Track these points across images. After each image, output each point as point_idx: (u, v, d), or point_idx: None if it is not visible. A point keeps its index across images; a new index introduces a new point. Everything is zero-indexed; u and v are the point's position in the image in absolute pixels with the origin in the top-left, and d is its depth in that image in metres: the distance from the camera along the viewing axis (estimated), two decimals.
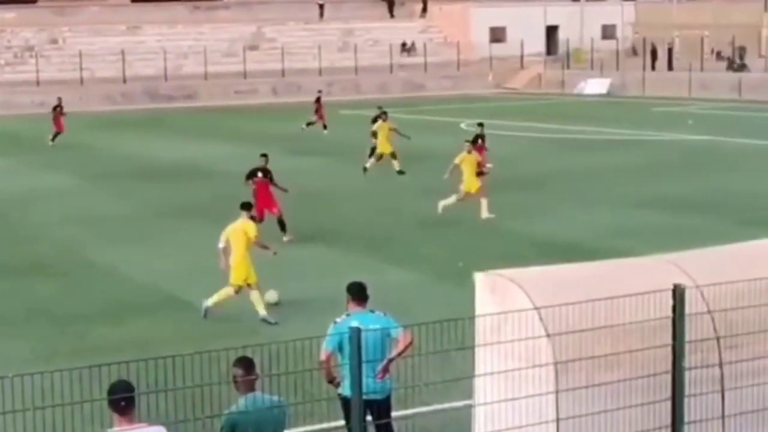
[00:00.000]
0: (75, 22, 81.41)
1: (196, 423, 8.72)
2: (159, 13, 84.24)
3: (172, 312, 19.11)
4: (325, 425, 11.76)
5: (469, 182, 27.89)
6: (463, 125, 53.42)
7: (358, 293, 11.49)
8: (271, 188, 26.03)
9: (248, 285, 18.68)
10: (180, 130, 54.59)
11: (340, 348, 10.82)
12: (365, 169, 35.95)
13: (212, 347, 10.00)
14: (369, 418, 10.80)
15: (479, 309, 9.92)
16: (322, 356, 10.91)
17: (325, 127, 50.92)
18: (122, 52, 74.99)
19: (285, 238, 24.72)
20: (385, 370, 11.03)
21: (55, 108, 49.02)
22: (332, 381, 11.10)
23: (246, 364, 9.18)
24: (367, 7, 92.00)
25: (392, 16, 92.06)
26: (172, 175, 37.25)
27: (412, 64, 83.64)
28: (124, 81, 74.13)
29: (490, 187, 31.95)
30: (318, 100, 52.05)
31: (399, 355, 11.00)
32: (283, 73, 78.01)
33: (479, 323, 9.70)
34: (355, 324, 11.03)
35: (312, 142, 46.80)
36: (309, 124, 51.33)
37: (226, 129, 53.96)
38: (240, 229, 19.06)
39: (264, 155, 26.44)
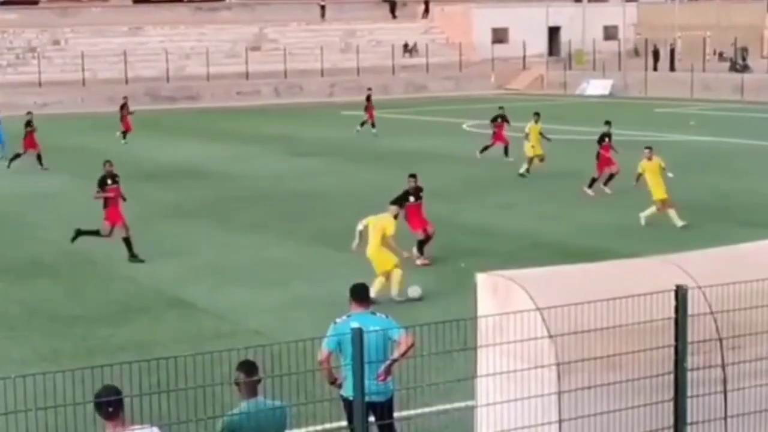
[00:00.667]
0: (77, 23, 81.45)
1: (197, 424, 8.72)
2: (161, 14, 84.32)
3: (173, 313, 19.11)
4: (327, 426, 11.75)
5: (655, 190, 26.85)
6: (465, 126, 53.43)
7: (360, 295, 11.47)
8: (422, 207, 23.69)
9: (390, 270, 19.70)
10: (182, 131, 54.60)
11: (340, 348, 10.84)
12: (522, 175, 35.13)
13: (213, 348, 10.00)
14: (371, 419, 10.82)
15: (481, 310, 9.92)
16: (321, 356, 10.91)
17: (373, 125, 50.66)
18: (124, 53, 75.03)
19: (418, 262, 22.46)
20: (387, 372, 11.00)
21: (121, 107, 50.43)
22: (333, 382, 11.10)
23: (248, 368, 9.14)
24: (369, 7, 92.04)
25: (394, 16, 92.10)
26: (174, 176, 37.26)
27: (414, 65, 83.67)
28: (126, 82, 74.10)
29: (486, 186, 31.96)
30: (368, 98, 51.97)
31: (401, 357, 10.97)
32: (285, 74, 78.04)
33: (481, 324, 9.69)
34: (355, 325, 11.03)
35: (314, 144, 46.80)
36: (363, 123, 51.22)
37: (228, 130, 53.96)
38: (380, 224, 20.14)
39: (413, 176, 23.77)
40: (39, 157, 40.39)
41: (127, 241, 23.45)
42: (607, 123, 33.71)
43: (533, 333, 9.09)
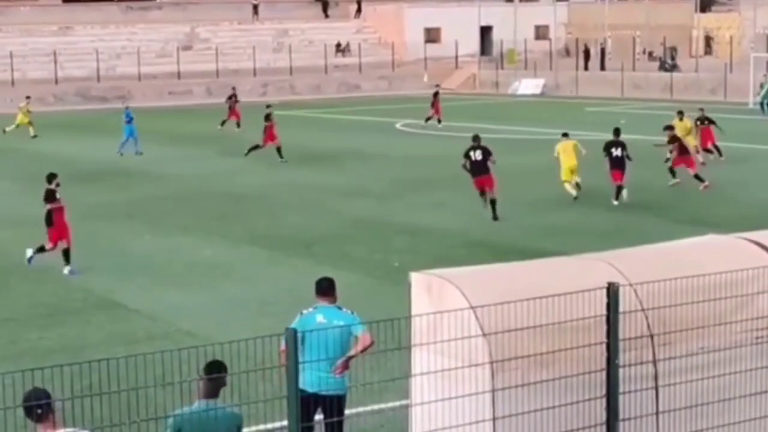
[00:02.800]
0: (5, 22, 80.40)
1: (131, 427, 8.64)
2: (91, 14, 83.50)
3: (104, 315, 18.92)
4: (261, 427, 11.70)
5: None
6: (398, 125, 53.48)
7: (324, 288, 11.63)
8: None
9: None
10: (113, 131, 53.99)
11: (302, 340, 10.80)
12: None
13: (146, 350, 9.92)
14: (320, 416, 10.89)
15: (415, 309, 9.92)
16: (283, 346, 10.99)
17: (439, 121, 51.47)
18: (54, 53, 74.22)
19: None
20: (344, 366, 11.10)
21: (229, 98, 53.60)
22: None
23: (208, 367, 9.09)
24: (301, 7, 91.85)
25: (327, 16, 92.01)
26: (104, 176, 36.93)
27: (346, 65, 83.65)
28: (56, 82, 73.35)
29: (418, 186, 32.10)
30: (436, 94, 52.88)
31: (357, 354, 11.10)
32: (217, 73, 77.63)
33: (415, 323, 9.69)
34: (320, 317, 11.31)
35: (245, 144, 46.59)
36: (428, 119, 51.93)
37: (160, 130, 53.53)
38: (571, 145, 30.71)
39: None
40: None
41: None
42: (701, 109, 38.20)
43: (467, 331, 9.12)
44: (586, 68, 79.50)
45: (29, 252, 22.74)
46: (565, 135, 31.57)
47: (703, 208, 28.32)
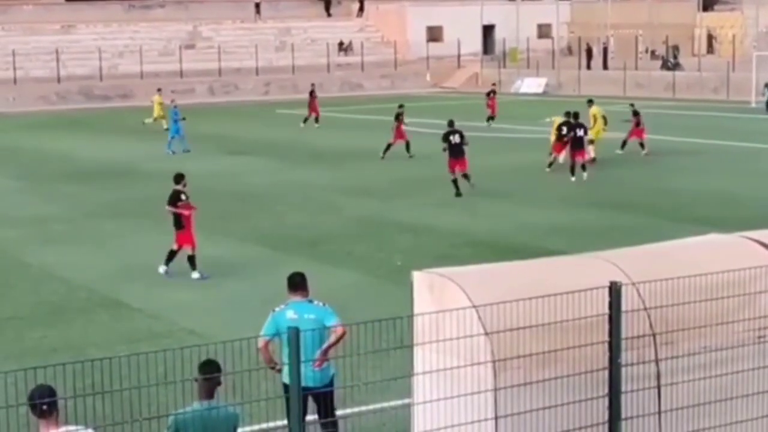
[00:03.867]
0: (8, 21, 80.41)
1: (133, 425, 8.65)
2: (94, 12, 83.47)
3: (107, 314, 18.94)
4: (263, 426, 11.71)
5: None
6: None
7: (295, 283, 11.73)
8: None
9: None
10: (115, 130, 54.13)
11: (277, 335, 11.19)
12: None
13: (148, 349, 9.93)
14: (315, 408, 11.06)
15: (417, 308, 9.93)
16: (260, 344, 11.25)
17: (492, 118, 52.37)
18: (56, 52, 74.22)
19: None
20: (322, 359, 11.16)
21: (309, 94, 54.56)
22: (273, 367, 11.33)
23: (204, 367, 9.10)
24: (304, 6, 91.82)
25: (329, 15, 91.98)
26: (108, 175, 36.94)
27: (349, 64, 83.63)
28: (59, 81, 73.35)
29: (421, 185, 32.09)
30: (490, 93, 53.59)
31: (332, 345, 11.17)
32: (219, 72, 77.64)
33: (417, 322, 9.70)
34: (291, 312, 11.37)
35: (248, 142, 46.64)
36: (490, 118, 52.45)
37: (161, 129, 53.54)
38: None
39: None
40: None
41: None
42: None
43: (469, 330, 9.12)
44: (588, 67, 79.45)
45: (162, 269, 21.62)
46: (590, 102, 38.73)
47: (705, 207, 28.31)
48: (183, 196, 21.79)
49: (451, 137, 31.47)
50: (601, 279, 9.28)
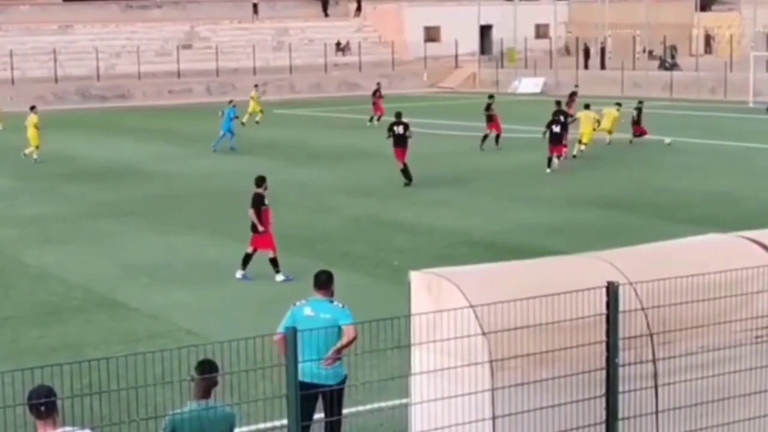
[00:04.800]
0: (5, 21, 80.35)
1: (130, 425, 8.65)
2: (91, 12, 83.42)
3: (105, 313, 18.93)
4: (261, 426, 11.71)
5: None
6: (369, 125, 53.37)
7: (320, 281, 11.87)
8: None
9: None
10: (113, 130, 54.11)
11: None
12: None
13: (146, 349, 9.93)
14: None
15: (415, 308, 9.93)
16: (276, 338, 11.17)
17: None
18: (54, 52, 74.18)
19: None
20: (333, 358, 11.22)
21: (374, 93, 55.24)
22: None
23: (201, 367, 9.09)
24: (301, 6, 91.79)
25: (327, 15, 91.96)
26: (106, 175, 36.93)
27: (346, 64, 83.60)
28: (56, 81, 73.29)
29: (419, 185, 32.10)
30: (572, 96, 52.63)
31: (343, 347, 11.23)
32: (217, 72, 77.62)
33: (415, 322, 9.70)
34: (308, 309, 11.61)
35: (246, 142, 46.60)
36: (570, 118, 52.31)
37: (159, 129, 53.60)
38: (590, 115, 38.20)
39: None
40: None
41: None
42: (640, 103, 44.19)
43: (466, 330, 9.12)
44: (586, 67, 79.44)
45: (239, 274, 21.17)
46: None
47: (703, 207, 28.33)
48: (266, 200, 21.36)
49: (395, 128, 33.38)
50: (598, 279, 9.29)
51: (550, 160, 35.47)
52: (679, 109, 59.28)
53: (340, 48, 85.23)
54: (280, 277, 20.95)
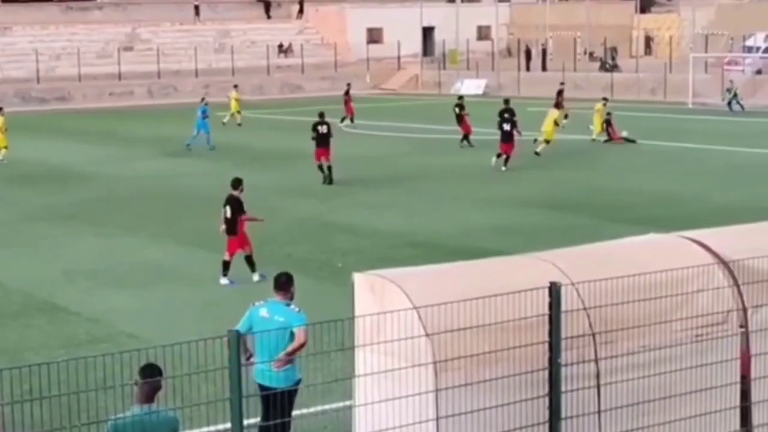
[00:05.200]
0: None
1: (71, 431, 8.56)
2: (30, 14, 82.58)
3: (44, 318, 18.73)
4: (204, 429, 11.64)
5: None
6: (341, 126, 53.37)
7: (279, 283, 11.99)
8: None
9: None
10: (53, 132, 53.62)
11: (250, 330, 11.52)
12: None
13: (88, 353, 9.84)
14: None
15: (359, 309, 9.92)
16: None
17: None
18: None
19: None
20: (284, 360, 11.25)
21: (345, 93, 55.26)
22: (248, 359, 11.46)
23: (143, 371, 9.02)
24: (243, 7, 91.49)
25: (269, 17, 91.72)
26: (45, 178, 36.58)
27: (289, 65, 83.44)
28: None
29: (361, 186, 32.11)
30: (559, 92, 52.98)
31: (293, 351, 11.24)
32: (158, 74, 77.16)
33: (359, 323, 9.70)
34: (264, 311, 11.71)
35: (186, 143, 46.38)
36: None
37: (100, 131, 53.20)
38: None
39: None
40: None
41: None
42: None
43: (410, 332, 9.13)
44: (527, 68, 79.86)
45: (224, 281, 20.79)
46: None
47: (644, 207, 28.56)
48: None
49: (319, 127, 34.11)
50: (541, 279, 9.33)
51: (499, 155, 36.37)
52: (619, 110, 59.67)
53: (283, 50, 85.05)
54: (256, 277, 20.60)
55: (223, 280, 20.82)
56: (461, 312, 9.07)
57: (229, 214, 21.08)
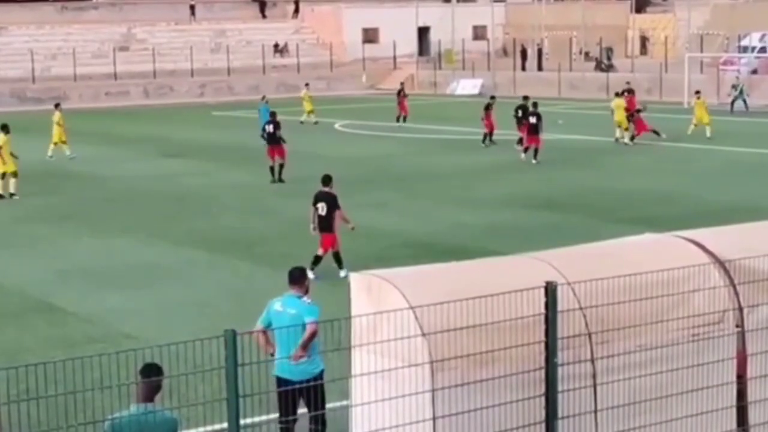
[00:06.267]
0: None
1: (68, 430, 8.56)
2: (26, 14, 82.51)
3: (41, 318, 18.72)
4: (201, 429, 11.65)
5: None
6: (337, 126, 53.42)
7: (293, 277, 12.17)
8: None
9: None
10: (48, 132, 53.50)
11: (270, 325, 11.76)
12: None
13: (84, 353, 9.84)
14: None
15: (355, 309, 9.93)
16: (255, 330, 11.60)
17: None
18: None
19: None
20: (300, 354, 11.39)
21: (398, 92, 55.09)
22: (273, 354, 11.70)
23: (144, 370, 9.03)
24: (239, 7, 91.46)
25: (264, 16, 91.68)
26: (41, 178, 36.53)
27: (285, 65, 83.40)
28: None
29: (357, 186, 32.07)
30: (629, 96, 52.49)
31: (304, 342, 11.37)
32: (154, 74, 77.11)
33: (355, 323, 9.70)
34: (278, 305, 11.93)
35: (184, 145, 46.40)
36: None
37: (96, 131, 53.14)
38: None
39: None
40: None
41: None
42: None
43: (406, 331, 9.13)
44: (523, 68, 79.86)
45: (311, 275, 19.45)
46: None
47: (640, 207, 28.58)
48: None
49: (267, 126, 35.21)
50: (537, 279, 9.34)
51: (527, 149, 38.05)
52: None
53: (278, 50, 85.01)
54: (343, 273, 20.53)
55: (311, 275, 20.83)
56: (458, 312, 9.08)
57: (324, 211, 21.11)
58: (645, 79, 69.78)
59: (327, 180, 21.53)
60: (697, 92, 47.48)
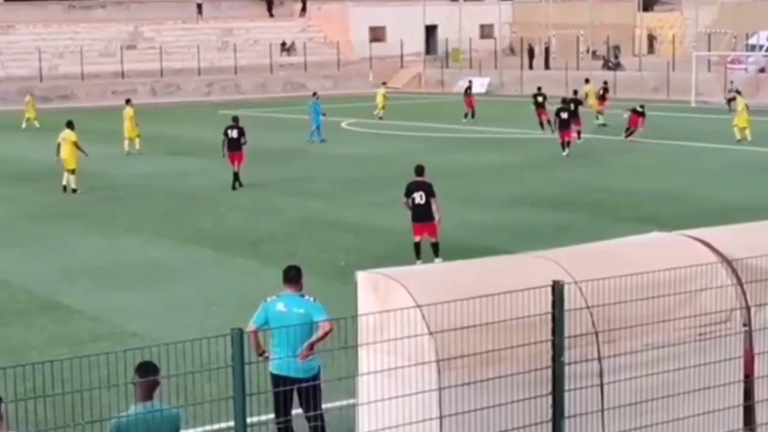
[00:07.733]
0: None
1: (75, 429, 8.56)
2: (33, 12, 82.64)
3: (48, 317, 18.74)
4: (207, 428, 11.65)
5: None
6: (344, 125, 53.42)
7: (290, 276, 12.00)
8: None
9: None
10: (56, 131, 53.53)
11: (266, 324, 11.62)
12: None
13: (90, 352, 9.85)
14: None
15: (362, 308, 9.92)
16: (248, 330, 11.37)
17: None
18: None
19: None
20: (307, 352, 11.39)
21: (465, 90, 56.62)
22: (261, 354, 11.66)
23: (142, 369, 9.04)
24: (246, 6, 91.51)
25: (271, 15, 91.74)
26: (48, 177, 36.52)
27: (292, 64, 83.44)
28: None
29: (365, 185, 32.07)
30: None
31: (318, 340, 11.37)
32: (161, 72, 77.19)
33: (362, 322, 9.69)
34: (281, 305, 11.79)
35: (191, 143, 46.42)
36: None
37: (103, 130, 53.12)
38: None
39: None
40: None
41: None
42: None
43: (413, 330, 9.12)
44: (530, 67, 79.80)
45: (419, 263, 21.16)
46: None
47: (647, 205, 28.55)
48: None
49: (229, 131, 33.89)
50: (544, 278, 9.32)
51: (563, 144, 39.47)
52: (621, 108, 59.65)
53: (285, 48, 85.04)
54: (438, 260, 20.92)
55: (418, 262, 21.11)
56: (464, 310, 9.06)
57: (423, 200, 21.80)
58: (652, 78, 69.74)
59: (420, 170, 22.18)
60: (738, 91, 48.05)
